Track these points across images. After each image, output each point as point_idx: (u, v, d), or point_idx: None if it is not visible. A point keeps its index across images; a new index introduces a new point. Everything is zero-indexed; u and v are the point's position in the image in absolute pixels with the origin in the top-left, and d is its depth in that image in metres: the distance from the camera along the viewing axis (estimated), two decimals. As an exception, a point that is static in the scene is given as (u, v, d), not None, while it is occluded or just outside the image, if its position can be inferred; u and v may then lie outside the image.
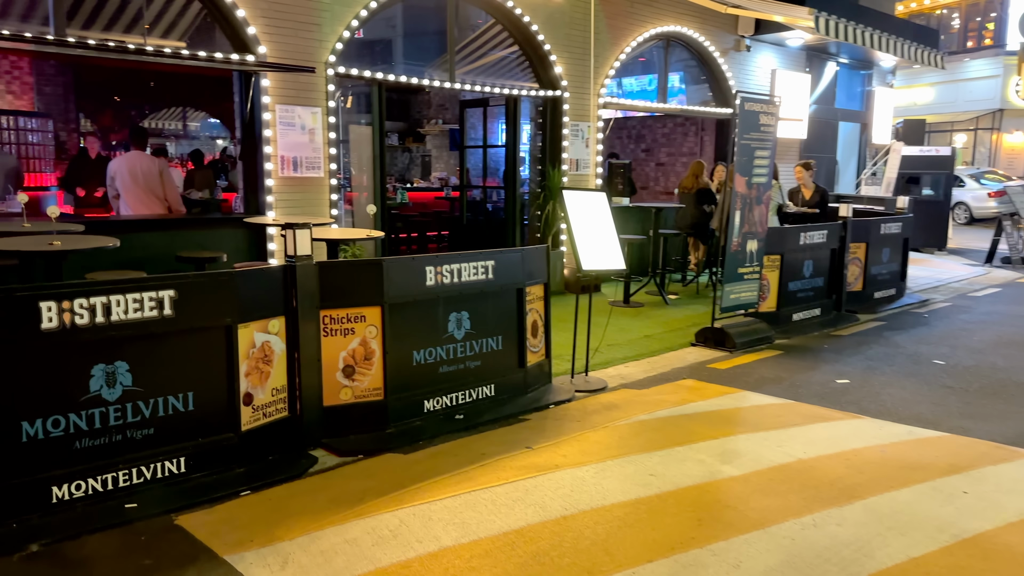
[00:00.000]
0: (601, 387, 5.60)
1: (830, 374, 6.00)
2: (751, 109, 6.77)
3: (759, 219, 7.10)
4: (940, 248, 14.98)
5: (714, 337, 6.96)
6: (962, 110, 25.16)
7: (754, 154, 6.90)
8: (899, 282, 9.68)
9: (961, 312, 8.76)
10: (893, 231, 9.39)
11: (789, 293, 7.77)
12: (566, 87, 9.22)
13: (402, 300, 4.50)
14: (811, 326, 7.82)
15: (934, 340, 7.22)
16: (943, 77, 25.87)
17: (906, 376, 5.93)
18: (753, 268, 7.16)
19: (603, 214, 5.67)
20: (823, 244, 8.07)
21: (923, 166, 14.93)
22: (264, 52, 6.65)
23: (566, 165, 9.39)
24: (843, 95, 14.50)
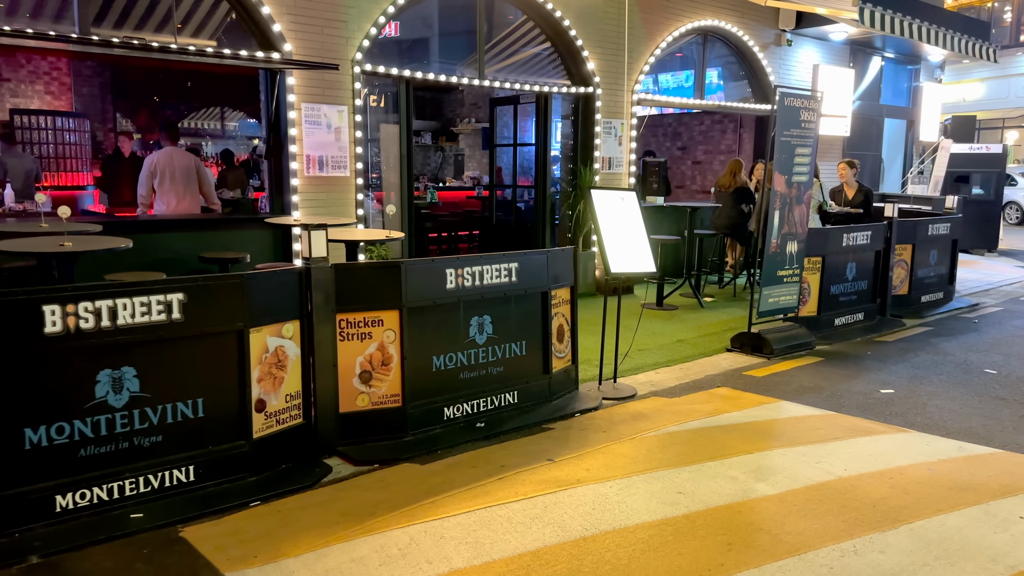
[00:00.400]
0: (630, 395, 5.38)
1: (873, 383, 5.69)
2: (791, 104, 6.47)
3: (799, 219, 6.80)
4: (991, 250, 14.38)
5: (751, 342, 6.68)
6: (1014, 106, 24.20)
7: (794, 152, 6.60)
8: (947, 285, 9.25)
9: (1014, 317, 8.32)
10: (941, 232, 8.97)
11: (831, 297, 7.44)
12: (598, 83, 8.99)
13: (421, 304, 4.35)
14: (854, 331, 7.48)
15: (985, 347, 6.84)
16: (994, 72, 24.94)
17: (955, 386, 5.59)
18: (793, 270, 6.86)
19: (633, 214, 5.45)
20: (867, 246, 7.72)
21: (973, 164, 14.35)
22: (290, 50, 6.57)
23: (598, 164, 9.16)
24: (889, 91, 13.99)
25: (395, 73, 7.36)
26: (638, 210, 5.50)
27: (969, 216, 14.63)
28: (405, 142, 7.55)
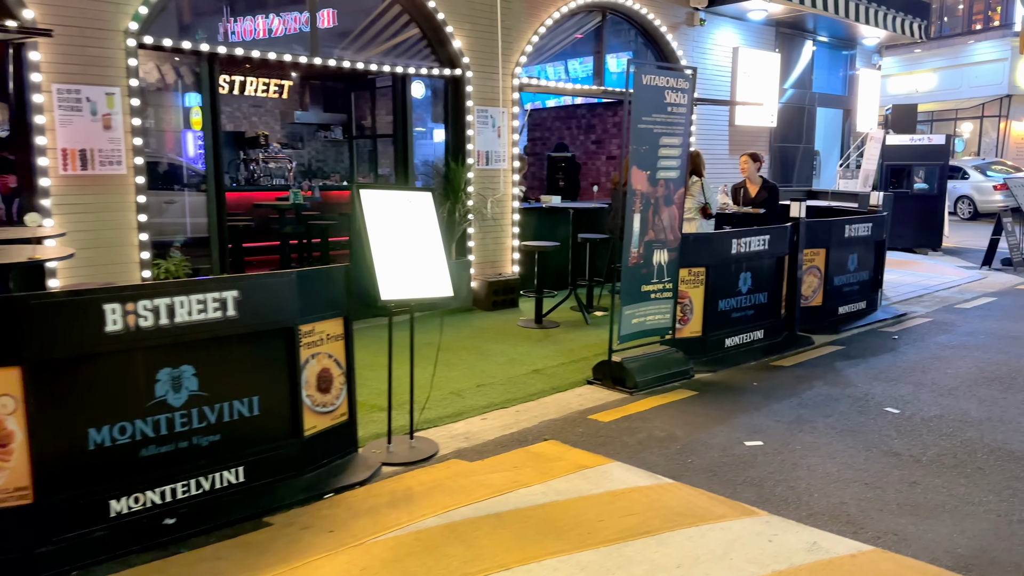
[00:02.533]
0: (426, 456, 4.16)
1: (742, 430, 4.53)
2: (650, 84, 5.28)
3: (669, 224, 5.63)
4: (935, 248, 13.40)
5: (612, 374, 5.50)
6: (967, 96, 23.44)
7: (658, 141, 5.42)
8: (871, 294, 8.15)
9: (941, 331, 7.24)
10: (861, 234, 7.86)
11: (720, 314, 6.28)
12: (468, 65, 7.76)
13: (64, 355, 3.08)
14: (749, 354, 6.33)
15: (896, 374, 5.72)
16: (946, 62, 24.19)
17: (842, 434, 4.45)
18: (663, 284, 5.69)
19: (426, 223, 4.21)
20: (765, 252, 6.57)
21: (915, 156, 13.35)
22: (32, 17, 5.24)
23: (472, 159, 7.94)
24: (823, 78, 12.94)
25: (189, 48, 6.05)
26: (434, 217, 4.26)
27: (912, 213, 13.66)
28: (211, 132, 6.25)
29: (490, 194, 8.10)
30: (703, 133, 10.56)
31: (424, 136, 9.82)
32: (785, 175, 12.29)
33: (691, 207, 6.75)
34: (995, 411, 4.83)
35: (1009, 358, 6.16)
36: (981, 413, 4.79)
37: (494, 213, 8.13)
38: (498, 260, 8.31)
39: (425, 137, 9.91)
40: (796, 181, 12.37)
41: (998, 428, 4.51)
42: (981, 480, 3.80)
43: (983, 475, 3.86)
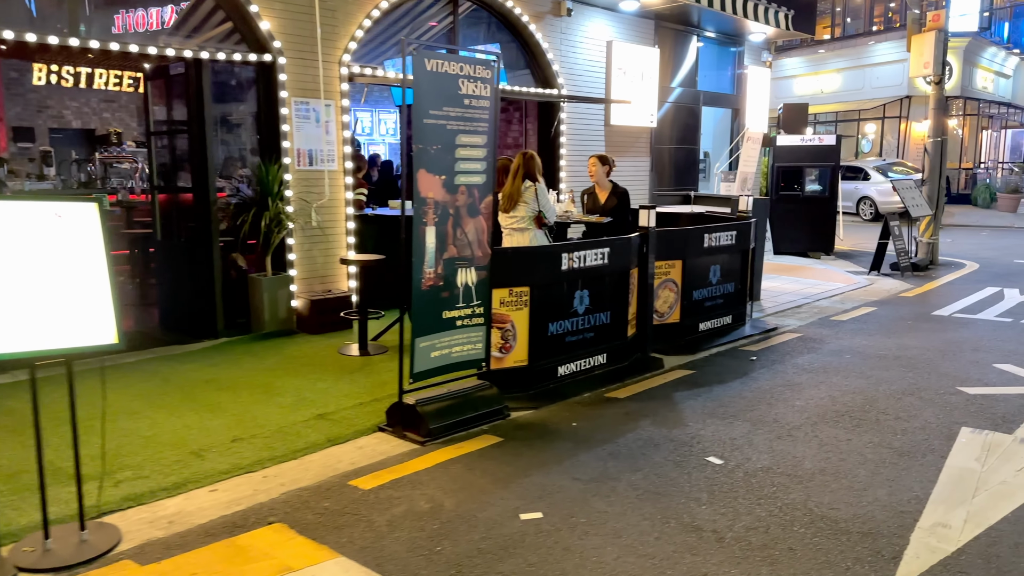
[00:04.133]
0: (97, 554, 3.15)
1: (528, 495, 3.68)
2: (438, 71, 4.39)
3: (476, 238, 4.75)
4: (828, 252, 13.03)
5: (404, 419, 4.59)
6: (869, 97, 23.56)
7: (455, 140, 4.53)
8: (739, 307, 7.51)
9: (806, 350, 6.60)
10: (724, 242, 7.18)
11: (550, 339, 5.45)
12: (281, 50, 6.74)
13: None
14: (587, 383, 5.54)
15: (738, 407, 4.99)
16: (850, 62, 24.31)
17: (643, 498, 3.64)
18: (472, 309, 4.81)
19: (82, 244, 3.18)
20: (606, 266, 5.78)
21: (806, 157, 12.93)
22: None
23: (289, 158, 6.92)
24: (710, 76, 12.39)
25: None
26: (98, 236, 3.23)
27: (805, 215, 13.26)
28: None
29: (315, 199, 7.10)
30: (575, 134, 9.80)
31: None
32: (670, 178, 11.66)
33: (524, 216, 5.91)
34: (833, 459, 4.11)
35: (869, 384, 5.51)
36: (816, 463, 4.07)
37: (320, 221, 7.13)
38: (329, 275, 7.31)
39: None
40: (682, 184, 11.76)
41: (829, 485, 3.78)
42: (787, 568, 3.03)
43: (791, 560, 3.08)
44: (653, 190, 11.20)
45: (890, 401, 5.09)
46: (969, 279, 10.59)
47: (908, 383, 5.51)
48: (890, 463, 4.03)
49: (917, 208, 11.68)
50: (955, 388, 5.36)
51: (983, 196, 22.24)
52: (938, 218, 12.10)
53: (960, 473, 3.88)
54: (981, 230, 18.06)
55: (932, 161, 12.20)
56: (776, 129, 13.84)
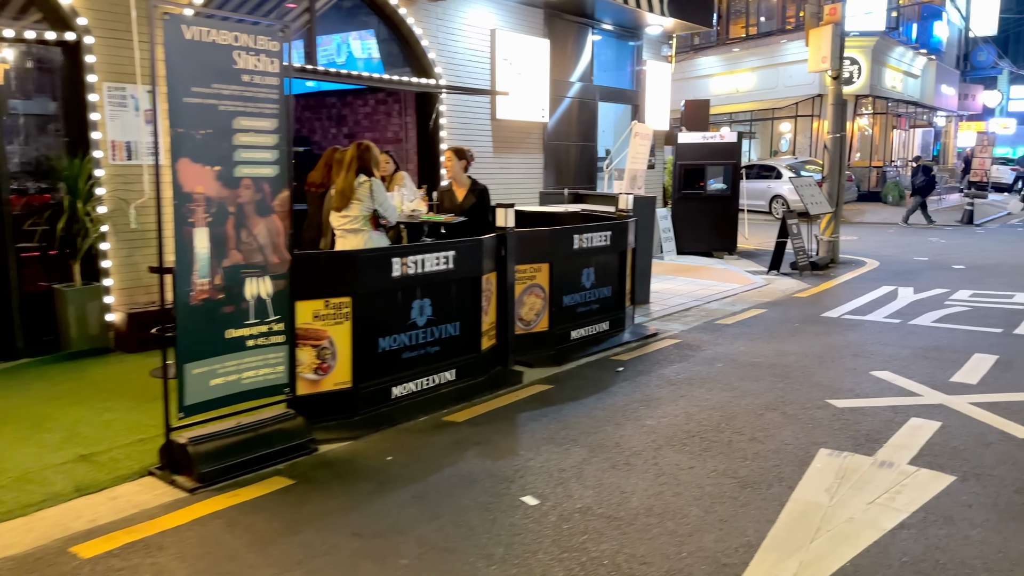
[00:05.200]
0: None
1: (284, 562, 2.99)
2: (204, 40, 3.66)
3: (269, 241, 4.04)
4: (731, 251, 12.74)
5: (174, 460, 3.85)
6: (783, 96, 23.68)
7: (231, 124, 3.81)
8: (617, 312, 6.98)
9: (679, 358, 6.11)
10: (599, 243, 6.65)
11: (380, 356, 4.77)
12: (87, 28, 5.88)
13: None
14: (428, 403, 4.89)
15: (583, 429, 4.41)
16: (763, 61, 24.41)
17: (425, 558, 2.98)
18: (268, 326, 4.10)
19: None
20: (452, 272, 5.14)
21: (708, 156, 12.61)
22: None
23: (101, 151, 6.06)
24: (609, 71, 11.93)
25: None
26: None
27: (707, 214, 12.93)
28: None
29: (135, 198, 6.25)
30: (457, 128, 9.16)
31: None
32: (567, 176, 11.14)
33: (358, 215, 5.22)
34: (665, 494, 3.55)
35: (732, 398, 5.02)
36: (645, 499, 3.50)
37: (142, 223, 6.29)
38: (157, 285, 6.46)
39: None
40: (581, 183, 11.26)
41: (651, 530, 3.21)
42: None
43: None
44: (552, 188, 10.65)
45: (749, 418, 4.60)
46: (867, 278, 10.38)
47: (775, 395, 5.04)
48: (729, 498, 3.49)
49: (816, 206, 11.45)
50: (824, 401, 4.91)
51: (893, 193, 22.59)
52: (838, 216, 11.92)
53: (804, 509, 3.37)
54: (888, 227, 18.22)
55: (832, 158, 12.01)
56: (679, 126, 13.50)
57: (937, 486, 3.57)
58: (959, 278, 10.03)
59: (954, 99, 31.38)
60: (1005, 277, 10.03)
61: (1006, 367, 5.67)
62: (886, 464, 3.84)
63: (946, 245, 14.24)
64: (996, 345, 6.34)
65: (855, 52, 22.36)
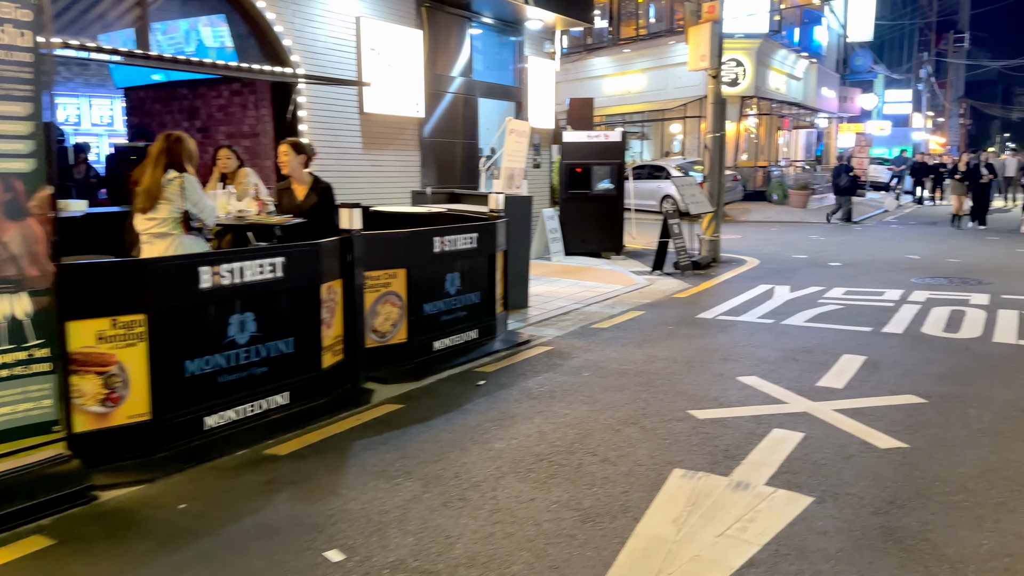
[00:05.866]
0: None
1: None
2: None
3: (25, 250, 3.34)
4: (618, 251, 12.57)
5: None
6: (672, 97, 24.01)
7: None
8: (486, 319, 6.53)
9: (546, 367, 5.71)
10: (464, 246, 6.18)
11: (189, 381, 4.11)
12: None
13: None
14: (251, 433, 4.27)
15: (422, 457, 3.91)
16: (653, 62, 24.68)
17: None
18: (27, 353, 3.39)
19: None
20: (282, 281, 4.54)
21: (594, 155, 12.40)
22: None
23: None
24: (491, 67, 11.51)
25: None
26: None
27: (594, 215, 12.71)
28: None
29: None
30: (320, 122, 8.50)
31: None
32: (447, 175, 10.64)
33: (167, 217, 4.54)
34: (496, 535, 3.09)
35: (593, 411, 4.64)
36: (472, 544, 3.03)
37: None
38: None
39: None
40: (463, 182, 10.78)
41: (471, 582, 2.75)
42: None
43: None
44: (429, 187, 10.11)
45: (606, 435, 4.22)
46: (746, 276, 10.37)
47: (636, 407, 4.70)
48: (567, 536, 3.07)
49: (697, 205, 11.41)
50: (686, 412, 4.60)
51: (777, 193, 23.27)
52: (719, 215, 11.94)
53: (647, 546, 2.98)
54: (772, 226, 18.66)
55: (712, 157, 12.02)
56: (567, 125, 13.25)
57: (793, 510, 3.27)
58: (834, 275, 10.16)
59: (834, 101, 32.84)
60: (877, 274, 10.23)
61: (873, 368, 5.56)
62: (742, 486, 3.52)
63: (825, 243, 14.61)
64: (865, 345, 6.27)
65: (740, 54, 22.91)
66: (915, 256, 12.12)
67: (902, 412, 4.56)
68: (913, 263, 11.31)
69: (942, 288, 8.99)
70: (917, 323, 7.05)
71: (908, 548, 2.96)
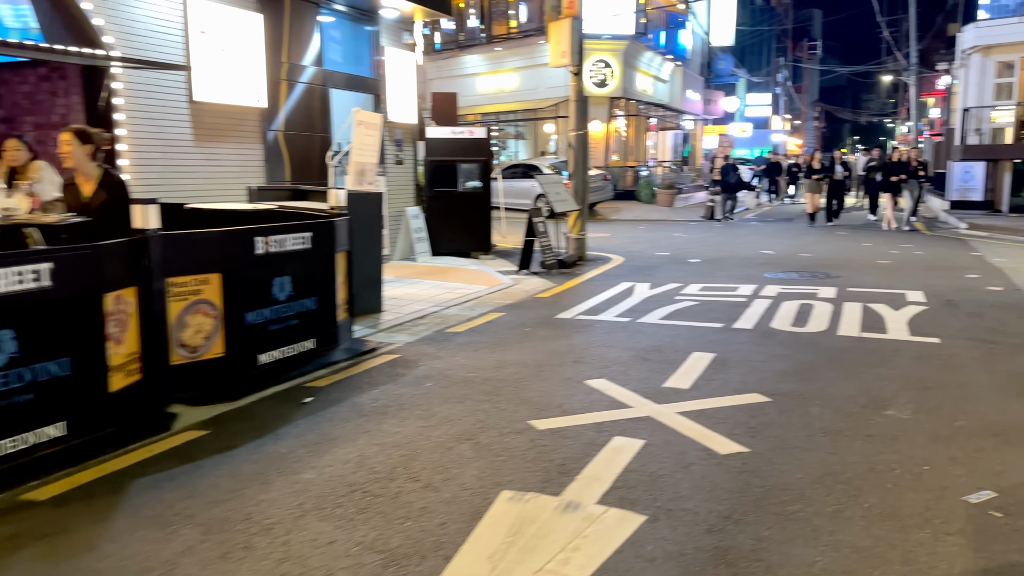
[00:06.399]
0: None
1: None
2: None
3: None
4: (486, 251, 12.24)
5: None
6: (544, 97, 24.01)
7: None
8: (327, 327, 5.95)
9: (387, 378, 5.23)
10: (295, 247, 5.58)
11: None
12: None
13: None
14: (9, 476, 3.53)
15: (212, 496, 3.34)
16: (525, 61, 24.63)
17: None
18: None
19: None
20: (46, 292, 3.81)
21: (459, 152, 12.02)
22: None
23: None
24: (344, 55, 10.86)
25: None
26: None
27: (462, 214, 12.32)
28: None
29: None
30: (141, 109, 7.62)
31: None
32: (298, 170, 9.93)
33: None
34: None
35: (426, 427, 4.21)
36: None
37: None
38: None
39: None
40: (314, 178, 10.08)
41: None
42: None
43: None
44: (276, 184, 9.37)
45: (435, 455, 3.80)
46: (610, 274, 10.29)
47: (475, 420, 4.31)
48: (362, 587, 2.62)
49: (562, 204, 11.25)
50: (527, 423, 4.26)
51: (646, 192, 23.77)
52: (584, 213, 11.84)
53: (454, 592, 2.58)
54: (641, 224, 18.95)
55: (576, 155, 11.92)
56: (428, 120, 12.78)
57: (622, 533, 2.96)
58: (693, 272, 10.24)
59: (699, 104, 34.10)
60: (733, 270, 10.39)
61: (720, 366, 5.44)
62: (571, 507, 3.19)
63: (688, 239, 14.89)
64: (715, 342, 6.18)
65: (608, 55, 23.23)
66: (770, 251, 12.50)
67: (745, 413, 4.40)
68: (768, 258, 11.63)
69: (793, 283, 9.21)
70: (767, 318, 7.09)
71: (740, 572, 2.71)
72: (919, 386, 4.89)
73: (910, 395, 4.70)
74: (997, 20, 19.79)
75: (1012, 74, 19.67)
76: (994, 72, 19.88)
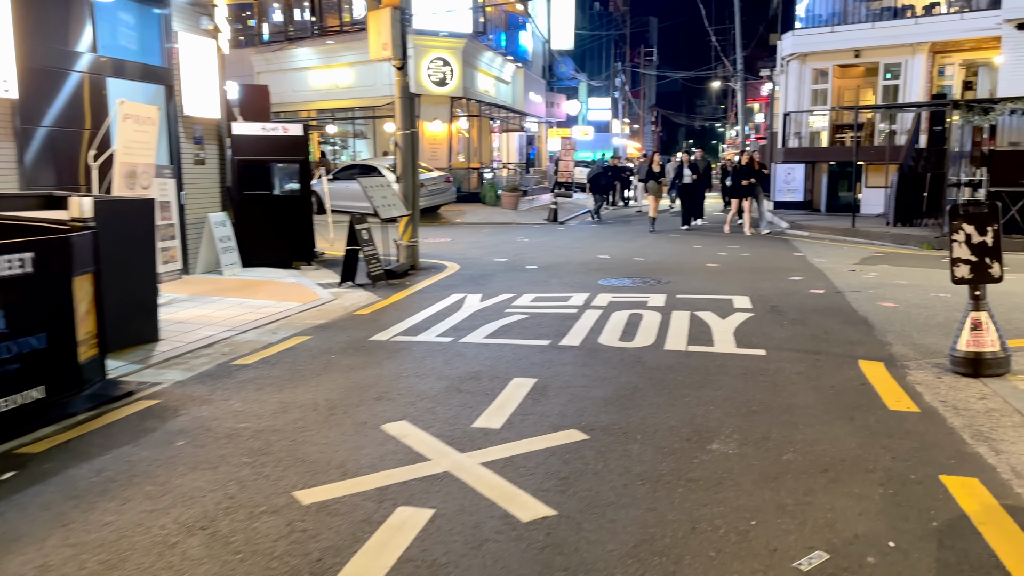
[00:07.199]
0: None
1: None
2: None
3: None
4: (308, 261, 11.14)
5: None
6: (383, 94, 22.94)
7: None
8: (64, 369, 4.75)
9: (135, 434, 4.17)
10: (7, 272, 4.37)
11: None
12: None
13: None
14: None
15: None
16: (360, 56, 23.41)
17: None
18: None
19: None
20: None
21: (273, 151, 10.83)
22: None
23: None
24: (129, 42, 9.40)
25: None
26: None
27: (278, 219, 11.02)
28: None
29: None
30: None
31: None
32: (65, 173, 8.41)
33: None
34: None
35: (151, 513, 3.22)
36: None
37: None
38: None
39: None
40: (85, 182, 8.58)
41: None
42: None
43: None
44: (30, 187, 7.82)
45: (150, 557, 2.85)
46: (441, 285, 9.55)
47: (223, 496, 3.38)
48: None
49: (388, 209, 10.40)
50: (291, 494, 3.39)
51: (490, 194, 23.33)
52: (415, 218, 11.05)
53: None
54: (484, 227, 18.41)
55: (404, 156, 11.11)
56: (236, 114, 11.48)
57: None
58: (528, 280, 9.71)
59: (542, 107, 34.25)
60: (567, 276, 9.98)
61: (540, 395, 4.83)
62: (313, 633, 2.37)
63: (528, 244, 14.48)
64: (538, 364, 5.58)
65: (446, 53, 22.57)
66: (606, 256, 12.27)
67: (559, 457, 3.78)
68: (603, 263, 11.36)
69: (625, 290, 8.88)
70: (596, 332, 6.60)
71: None
72: (745, 410, 4.49)
73: (736, 422, 4.28)
74: (811, 29, 21.03)
75: (827, 81, 20.97)
76: (811, 79, 21.12)
